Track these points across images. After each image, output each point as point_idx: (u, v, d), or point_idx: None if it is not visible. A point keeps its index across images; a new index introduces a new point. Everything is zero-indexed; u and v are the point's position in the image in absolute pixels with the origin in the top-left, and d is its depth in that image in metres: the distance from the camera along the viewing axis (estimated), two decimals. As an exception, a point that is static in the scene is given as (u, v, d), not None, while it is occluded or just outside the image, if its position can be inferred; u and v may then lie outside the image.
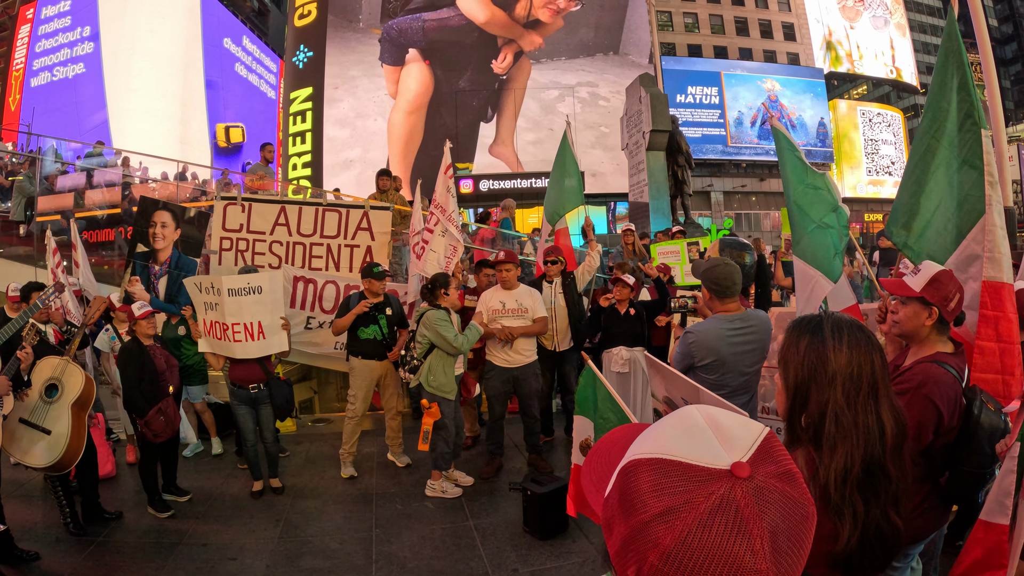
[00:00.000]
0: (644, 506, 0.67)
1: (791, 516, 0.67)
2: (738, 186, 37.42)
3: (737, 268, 3.50)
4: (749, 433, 0.73)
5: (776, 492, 0.67)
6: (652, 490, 0.68)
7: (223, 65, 36.23)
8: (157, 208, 6.48)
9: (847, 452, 1.56)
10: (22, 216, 9.69)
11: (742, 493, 0.65)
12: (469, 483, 5.42)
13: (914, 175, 3.32)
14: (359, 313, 5.58)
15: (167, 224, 6.44)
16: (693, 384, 2.57)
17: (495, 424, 5.73)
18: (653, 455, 0.71)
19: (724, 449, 0.69)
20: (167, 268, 6.39)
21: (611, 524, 0.73)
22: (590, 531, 4.43)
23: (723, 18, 39.63)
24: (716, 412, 0.75)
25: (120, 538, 4.64)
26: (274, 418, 5.45)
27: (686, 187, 13.12)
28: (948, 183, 3.13)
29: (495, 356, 5.57)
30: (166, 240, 6.46)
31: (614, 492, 0.73)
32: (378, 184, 9.33)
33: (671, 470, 0.68)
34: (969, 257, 2.92)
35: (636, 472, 0.71)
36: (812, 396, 1.63)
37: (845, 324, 1.66)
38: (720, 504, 0.64)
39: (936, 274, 2.35)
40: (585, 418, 3.41)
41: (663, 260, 7.60)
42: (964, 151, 3.01)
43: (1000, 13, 51.74)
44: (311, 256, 6.94)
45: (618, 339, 5.90)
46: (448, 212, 6.27)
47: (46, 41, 33.97)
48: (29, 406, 4.35)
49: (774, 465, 0.70)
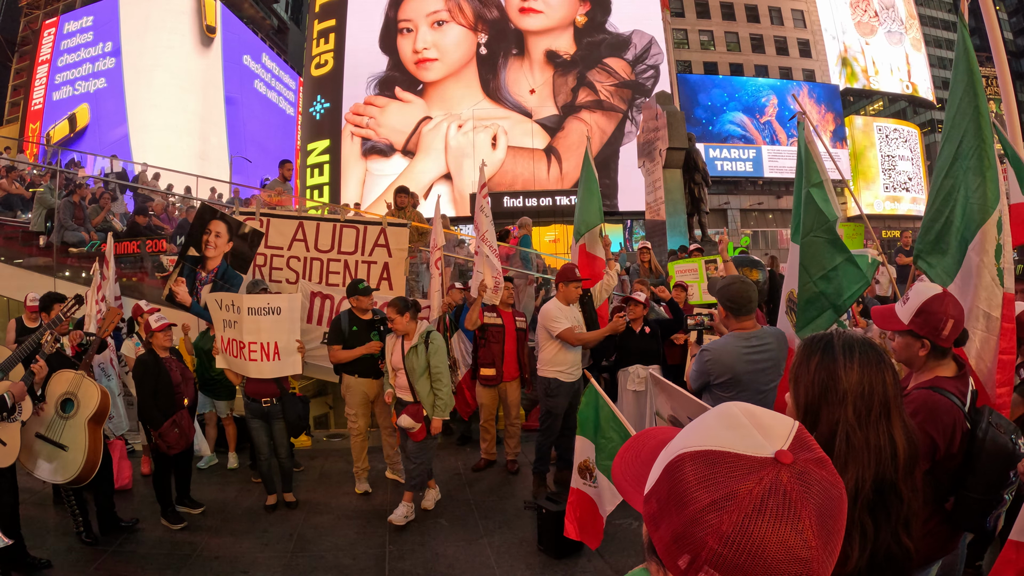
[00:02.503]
0: (695, 497, 0.71)
1: (831, 497, 0.72)
2: (755, 204, 37.28)
3: (753, 286, 3.48)
4: (783, 424, 0.77)
5: (816, 475, 0.72)
6: (701, 481, 0.71)
7: (242, 82, 36.74)
8: (215, 217, 6.53)
9: (858, 472, 1.53)
10: (42, 227, 9.79)
11: (788, 478, 0.70)
12: (430, 506, 5.34)
13: (935, 201, 3.25)
14: (364, 350, 5.62)
15: (221, 234, 6.47)
16: (699, 403, 2.54)
17: (550, 442, 5.69)
18: (698, 448, 0.74)
19: (765, 439, 0.74)
20: (213, 277, 6.42)
21: (658, 518, 0.75)
22: (605, 550, 4.38)
23: (739, 35, 39.67)
24: (751, 407, 0.79)
25: (132, 548, 4.65)
26: (287, 433, 5.46)
27: (703, 204, 13.09)
28: (961, 195, 3.08)
29: (561, 372, 5.55)
30: (217, 250, 6.49)
31: (661, 487, 0.76)
32: (396, 201, 9.37)
33: (718, 460, 0.72)
34: (970, 264, 2.85)
35: (683, 465, 0.74)
36: (823, 415, 1.61)
37: (856, 342, 1.64)
38: (770, 489, 0.69)
39: (924, 304, 2.24)
40: (586, 439, 3.39)
41: (680, 278, 7.58)
42: (971, 159, 2.95)
43: (1016, 26, 51.52)
44: (328, 272, 6.97)
45: (633, 357, 5.88)
46: (482, 232, 6.28)
47: (68, 56, 34.64)
48: (45, 421, 4.38)
49: (809, 452, 0.74)
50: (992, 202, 2.74)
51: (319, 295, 6.65)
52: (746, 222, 37.06)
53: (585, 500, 3.51)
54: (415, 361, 4.99)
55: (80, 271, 9.59)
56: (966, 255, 2.84)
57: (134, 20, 33.24)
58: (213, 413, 6.63)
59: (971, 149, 2.88)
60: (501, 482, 6.01)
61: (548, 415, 5.61)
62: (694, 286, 7.39)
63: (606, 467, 3.17)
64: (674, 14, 37.97)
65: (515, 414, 6.38)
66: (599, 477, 3.37)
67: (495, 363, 6.21)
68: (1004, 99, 4.82)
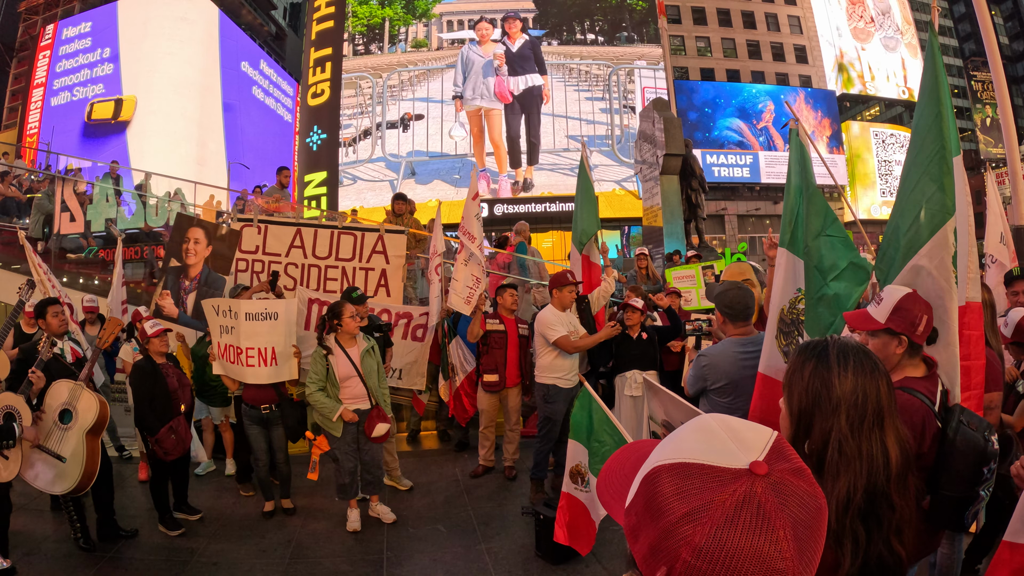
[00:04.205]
0: (670, 509, 0.71)
1: (807, 508, 0.72)
2: (752, 209, 37.34)
3: (750, 292, 3.50)
4: (761, 435, 0.77)
5: (792, 486, 0.72)
6: (676, 493, 0.71)
7: (240, 88, 36.70)
8: (192, 224, 6.55)
9: (850, 481, 1.53)
10: (40, 233, 9.81)
11: (762, 488, 0.70)
12: (391, 520, 5.25)
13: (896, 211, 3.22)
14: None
15: (200, 240, 6.50)
16: (691, 407, 2.56)
17: (548, 448, 5.69)
18: (674, 460, 0.74)
19: (740, 451, 0.74)
20: (197, 284, 6.44)
21: (637, 530, 0.76)
22: (603, 556, 4.39)
23: (735, 41, 39.75)
24: (729, 419, 0.80)
25: (130, 555, 4.65)
26: (286, 439, 5.45)
27: (700, 211, 13.14)
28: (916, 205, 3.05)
29: (559, 378, 5.57)
30: (198, 256, 6.51)
31: (638, 499, 0.76)
32: (393, 208, 9.39)
33: (693, 473, 0.72)
34: (915, 268, 2.83)
35: (659, 478, 0.74)
36: (816, 423, 1.60)
37: (851, 350, 1.64)
38: (744, 500, 0.69)
39: (899, 302, 2.31)
40: (578, 443, 3.40)
41: (678, 284, 7.59)
42: (930, 167, 2.92)
43: (1011, 31, 51.61)
44: (326, 279, 6.98)
45: (631, 363, 5.90)
46: (477, 241, 6.30)
47: (67, 61, 34.60)
48: (44, 430, 4.38)
49: (787, 462, 0.74)
50: (950, 209, 2.73)
51: (316, 302, 6.65)
52: (743, 228, 37.12)
53: (577, 505, 3.52)
54: (371, 363, 5.11)
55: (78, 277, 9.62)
56: (911, 261, 2.83)
57: (132, 26, 33.24)
58: (209, 419, 6.63)
59: (931, 155, 2.87)
60: (499, 488, 6.01)
61: (547, 421, 5.62)
62: (691, 292, 7.40)
63: (599, 470, 3.17)
64: (671, 21, 38.05)
65: (515, 420, 6.38)
66: (592, 481, 3.38)
67: (498, 369, 6.23)
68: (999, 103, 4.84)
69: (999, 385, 3.15)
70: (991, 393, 2.98)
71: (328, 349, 5.02)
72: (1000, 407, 3.20)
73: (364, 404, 5.09)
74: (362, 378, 5.04)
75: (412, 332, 6.82)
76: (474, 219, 6.40)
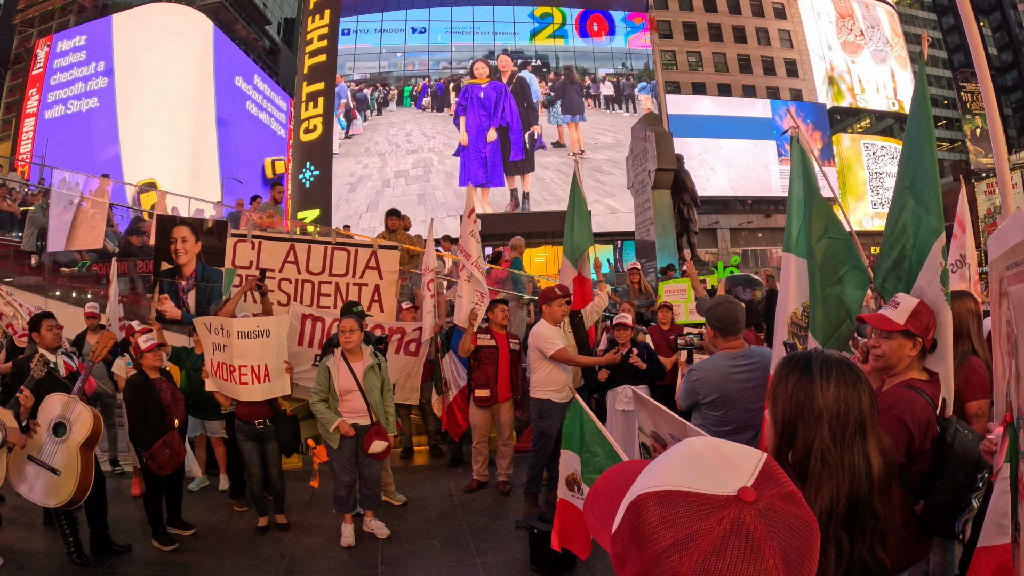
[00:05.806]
0: (656, 538, 0.69)
1: (798, 534, 0.70)
2: (744, 223, 37.52)
3: (740, 306, 3.54)
4: (750, 459, 0.76)
5: (782, 512, 0.70)
6: (662, 522, 0.69)
7: (234, 103, 36.77)
8: (175, 224, 6.55)
9: (832, 490, 1.55)
10: (34, 247, 9.80)
11: (751, 516, 0.68)
12: (384, 535, 5.23)
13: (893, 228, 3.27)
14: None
15: (187, 238, 6.49)
16: (679, 419, 2.59)
17: (542, 463, 5.70)
18: (660, 488, 0.73)
19: (728, 476, 0.72)
20: (194, 282, 6.43)
21: (623, 559, 0.74)
22: (597, 569, 4.40)
23: (726, 56, 40.10)
24: (716, 441, 0.78)
25: (124, 570, 4.63)
26: (280, 454, 5.46)
27: (692, 225, 13.20)
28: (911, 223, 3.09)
29: (555, 393, 5.58)
30: (188, 254, 6.51)
31: (624, 527, 0.75)
32: (387, 223, 9.42)
33: (679, 501, 0.70)
34: (917, 287, 2.89)
35: (645, 506, 0.72)
36: (799, 434, 1.62)
37: (834, 362, 1.66)
38: (731, 529, 0.67)
39: (916, 306, 2.44)
40: (572, 452, 3.43)
41: (669, 298, 7.64)
42: (914, 185, 2.97)
43: (999, 41, 52.13)
44: (319, 294, 7.01)
45: (622, 378, 5.91)
46: (474, 259, 6.32)
47: (61, 74, 34.61)
48: (37, 443, 4.37)
49: (777, 487, 0.73)
50: (937, 228, 2.79)
51: (310, 317, 6.67)
52: (736, 241, 37.30)
53: (572, 511, 3.54)
54: (375, 379, 5.09)
55: (71, 291, 9.60)
56: (915, 282, 2.89)
57: (127, 40, 33.30)
58: (203, 436, 6.61)
59: (922, 175, 2.93)
60: (493, 503, 6.02)
61: (541, 436, 5.63)
62: (681, 305, 7.45)
63: (591, 480, 3.20)
64: (662, 36, 38.36)
65: (507, 435, 6.39)
66: (586, 489, 3.40)
67: (489, 384, 6.24)
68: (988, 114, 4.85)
69: (986, 393, 3.19)
70: (979, 401, 3.02)
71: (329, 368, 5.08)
72: (987, 415, 3.24)
73: (364, 420, 5.09)
74: (363, 393, 5.06)
75: (405, 347, 6.85)
76: (470, 237, 6.43)
